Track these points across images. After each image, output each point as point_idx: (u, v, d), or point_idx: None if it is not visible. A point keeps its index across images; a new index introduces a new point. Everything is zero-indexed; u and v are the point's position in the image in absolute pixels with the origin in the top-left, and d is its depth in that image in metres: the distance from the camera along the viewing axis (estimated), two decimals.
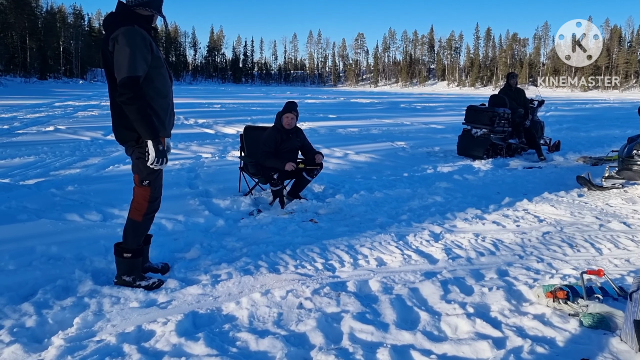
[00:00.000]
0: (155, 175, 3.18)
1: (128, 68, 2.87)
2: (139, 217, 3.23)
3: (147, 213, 3.24)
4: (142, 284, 3.22)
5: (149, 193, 3.20)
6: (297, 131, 5.75)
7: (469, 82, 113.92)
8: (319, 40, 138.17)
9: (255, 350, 2.46)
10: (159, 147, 3.01)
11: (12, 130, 11.75)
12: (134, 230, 3.24)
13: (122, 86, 2.89)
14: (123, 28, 2.91)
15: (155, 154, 3.00)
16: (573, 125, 16.54)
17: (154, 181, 3.19)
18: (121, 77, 2.89)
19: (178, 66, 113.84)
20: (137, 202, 3.23)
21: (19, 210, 4.85)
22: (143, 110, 2.93)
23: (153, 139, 2.99)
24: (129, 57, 2.88)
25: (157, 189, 3.25)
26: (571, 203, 5.78)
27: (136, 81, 2.90)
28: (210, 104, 25.50)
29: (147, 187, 3.18)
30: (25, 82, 55.44)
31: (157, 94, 3.10)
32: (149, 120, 2.97)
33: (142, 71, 2.94)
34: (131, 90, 2.88)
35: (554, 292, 2.95)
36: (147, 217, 3.26)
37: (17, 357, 2.36)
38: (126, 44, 2.88)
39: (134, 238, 3.25)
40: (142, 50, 2.93)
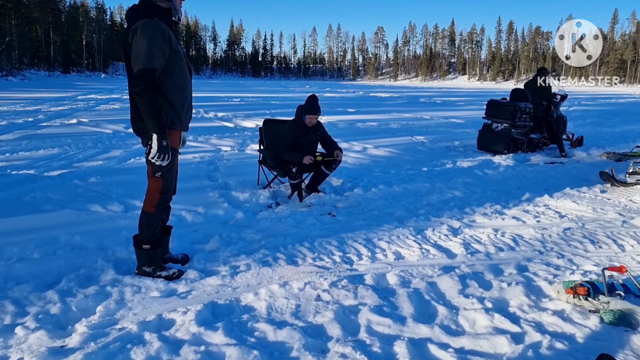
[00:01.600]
0: (167, 167, 3.17)
1: (144, 60, 2.89)
2: (152, 208, 3.25)
3: (158, 204, 3.25)
4: (162, 274, 3.27)
5: (161, 184, 3.21)
6: (317, 125, 5.75)
7: (490, 76, 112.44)
8: (339, 34, 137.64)
9: (274, 340, 2.48)
10: (163, 142, 3.00)
11: (37, 122, 11.98)
12: (148, 221, 3.27)
13: (137, 77, 2.91)
14: (143, 20, 2.93)
15: (157, 149, 2.99)
16: (597, 120, 16.24)
17: (167, 173, 3.20)
18: (137, 69, 2.90)
19: (198, 60, 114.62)
20: (150, 193, 3.25)
21: (43, 201, 4.96)
22: (154, 103, 2.94)
23: (158, 133, 2.98)
24: (146, 49, 2.89)
25: (170, 181, 3.25)
26: (593, 199, 5.69)
27: (152, 73, 2.91)
28: (229, 98, 25.63)
29: (160, 178, 3.19)
30: (49, 75, 56.41)
31: (175, 86, 3.11)
32: (158, 114, 2.97)
33: (158, 64, 2.94)
34: (145, 82, 2.89)
35: (575, 288, 2.92)
36: (159, 209, 3.27)
37: (42, 342, 2.43)
38: (144, 36, 2.90)
39: (148, 229, 3.28)
40: (159, 42, 2.93)
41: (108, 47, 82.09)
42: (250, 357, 2.26)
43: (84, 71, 72.46)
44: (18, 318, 2.70)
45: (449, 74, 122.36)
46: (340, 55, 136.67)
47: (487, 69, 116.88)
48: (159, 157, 3.01)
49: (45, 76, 54.11)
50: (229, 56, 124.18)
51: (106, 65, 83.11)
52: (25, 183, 5.71)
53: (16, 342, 2.45)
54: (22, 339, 2.47)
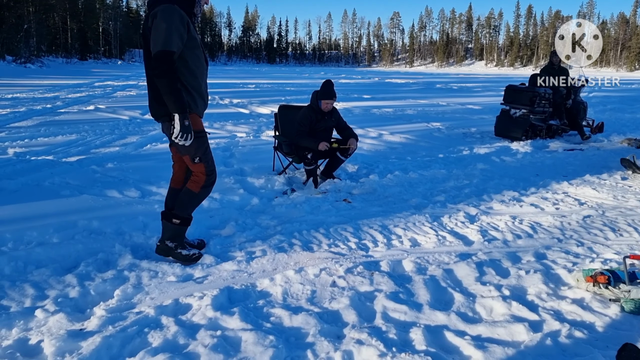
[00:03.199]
0: (202, 150, 3.24)
1: (163, 42, 2.91)
2: (197, 188, 3.32)
3: (205, 185, 3.33)
4: (182, 252, 3.31)
5: (204, 167, 3.28)
6: (332, 111, 5.71)
7: (508, 62, 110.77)
8: (354, 20, 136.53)
9: (289, 326, 2.49)
10: (185, 122, 3.03)
11: (55, 109, 12.11)
12: (190, 199, 3.34)
13: (156, 59, 2.93)
14: (163, 5, 2.98)
15: (179, 128, 3.01)
16: (618, 107, 15.92)
17: (204, 155, 3.27)
18: (156, 50, 2.93)
19: (213, 46, 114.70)
20: (196, 175, 3.32)
21: (62, 186, 5.02)
22: (174, 84, 2.97)
23: (180, 113, 3.01)
24: (165, 32, 2.92)
25: (210, 162, 3.33)
26: (614, 186, 5.58)
27: (170, 55, 2.93)
28: (244, 84, 25.63)
29: (200, 163, 3.26)
30: (67, 62, 56.81)
31: (190, 73, 3.14)
32: (179, 95, 3.00)
33: (176, 47, 2.96)
34: (164, 63, 2.91)
35: (595, 277, 2.87)
36: (204, 189, 3.35)
37: (62, 325, 2.46)
38: (163, 19, 2.93)
39: (187, 207, 3.35)
40: (178, 27, 2.96)
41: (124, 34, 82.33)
42: (266, 342, 2.27)
43: (101, 58, 72.81)
44: (38, 301, 2.74)
45: (465, 59, 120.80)
46: (356, 41, 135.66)
47: (505, 55, 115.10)
48: (182, 137, 3.04)
49: (62, 63, 54.52)
50: (244, 43, 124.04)
51: (122, 52, 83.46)
52: (44, 169, 5.78)
53: (36, 324, 2.49)
54: (42, 321, 2.51)
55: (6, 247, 3.40)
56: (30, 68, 38.65)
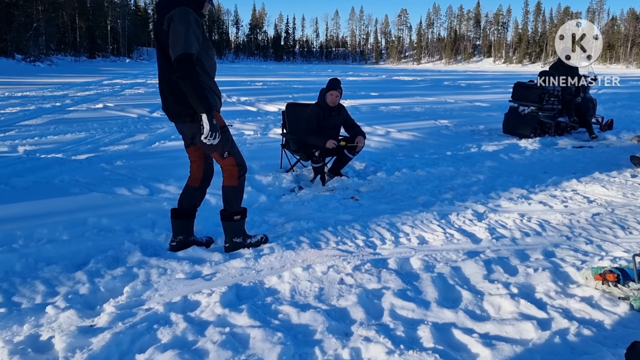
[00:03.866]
0: (230, 144, 3.34)
1: (184, 45, 2.96)
2: (235, 181, 3.43)
3: (240, 176, 3.43)
4: (252, 241, 3.55)
5: (234, 160, 3.38)
6: (340, 108, 5.72)
7: (517, 59, 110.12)
8: (361, 17, 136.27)
9: (297, 323, 2.49)
10: (213, 121, 3.09)
11: (64, 107, 12.19)
12: (235, 193, 3.46)
13: (178, 62, 2.97)
14: (179, 8, 3.02)
15: (209, 128, 3.08)
16: (628, 103, 15.76)
17: (232, 149, 3.36)
18: (177, 54, 2.97)
19: (220, 44, 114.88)
20: (227, 171, 3.41)
21: (71, 184, 5.06)
22: (198, 84, 3.03)
23: (207, 113, 3.07)
24: (185, 35, 2.97)
25: (238, 153, 3.44)
26: (624, 184, 5.54)
27: (191, 57, 2.99)
28: (252, 82, 25.65)
29: (230, 157, 3.35)
30: (75, 60, 57.17)
31: (206, 74, 3.21)
32: (204, 95, 3.06)
33: (195, 49, 3.02)
34: (187, 65, 2.97)
35: (604, 275, 2.86)
36: (241, 180, 3.46)
37: (72, 322, 2.48)
38: (181, 22, 2.98)
39: (237, 201, 3.49)
40: (195, 29, 3.02)
41: (132, 32, 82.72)
42: (274, 339, 2.28)
43: (109, 56, 73.16)
44: (48, 298, 2.77)
45: (473, 56, 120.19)
46: (363, 38, 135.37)
47: (514, 51, 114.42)
48: (211, 136, 3.11)
49: (71, 61, 54.87)
50: (251, 40, 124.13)
51: (130, 50, 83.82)
52: (54, 166, 5.83)
53: (47, 320, 2.51)
54: (53, 317, 2.53)
55: (17, 244, 3.44)
56: (40, 66, 38.92)
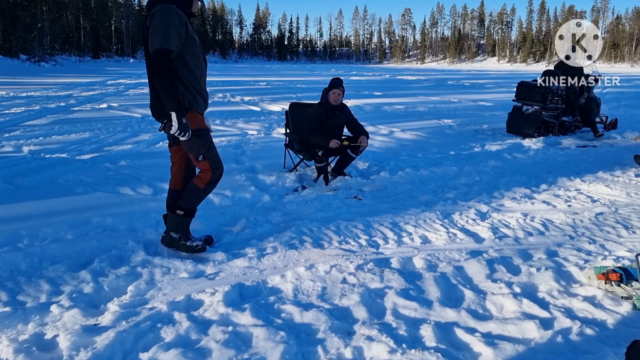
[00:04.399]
0: (206, 148, 3.28)
1: (161, 40, 2.95)
2: (202, 184, 3.37)
3: (210, 182, 3.38)
4: (186, 243, 3.40)
5: (208, 164, 3.33)
6: (343, 108, 5.72)
7: (521, 58, 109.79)
8: (365, 16, 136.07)
9: (300, 322, 2.50)
10: (183, 120, 3.06)
11: (68, 107, 12.24)
12: (192, 193, 3.40)
13: (154, 57, 2.96)
14: (163, 5, 3.00)
15: (177, 126, 3.05)
16: (632, 103, 15.69)
17: (207, 152, 3.30)
18: (154, 49, 2.96)
19: (224, 44, 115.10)
20: (202, 172, 3.37)
21: (75, 184, 5.09)
22: (170, 81, 2.99)
23: (177, 111, 3.04)
24: (163, 30, 2.95)
25: (215, 158, 3.37)
26: (627, 183, 5.53)
27: (168, 54, 2.96)
28: (255, 82, 25.67)
29: (204, 160, 3.30)
30: (80, 61, 57.31)
31: (190, 72, 3.16)
32: (175, 92, 3.03)
33: (174, 46, 2.99)
34: (162, 61, 2.95)
35: (606, 274, 2.85)
36: (209, 185, 3.40)
37: (76, 320, 2.50)
38: (162, 18, 2.96)
39: (189, 200, 3.41)
40: (177, 26, 2.99)
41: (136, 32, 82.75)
42: (277, 337, 2.29)
43: (114, 56, 73.34)
44: (53, 297, 2.79)
45: (477, 55, 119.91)
46: (367, 38, 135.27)
47: (518, 51, 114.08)
48: (180, 134, 3.08)
49: (76, 61, 55.02)
50: (255, 40, 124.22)
51: (135, 50, 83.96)
52: (58, 166, 5.86)
53: (51, 319, 2.53)
54: (57, 316, 2.55)
55: (22, 244, 3.46)
56: (44, 67, 39.04)
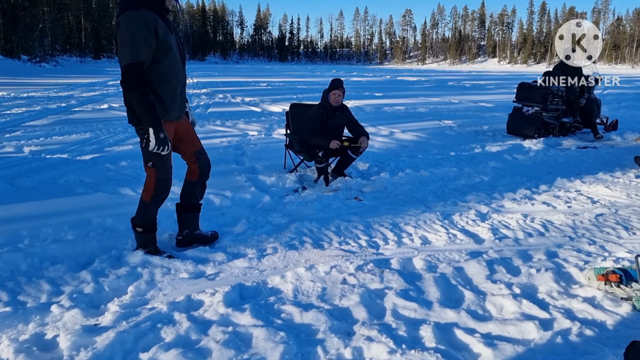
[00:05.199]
0: (159, 157, 3.16)
1: (130, 54, 2.86)
2: (147, 198, 3.28)
3: (154, 195, 3.26)
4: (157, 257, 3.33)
5: (154, 174, 3.22)
6: (343, 109, 5.73)
7: (522, 59, 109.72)
8: (366, 17, 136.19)
9: (300, 322, 2.51)
10: (160, 135, 2.99)
11: (69, 108, 12.26)
12: (142, 209, 3.32)
13: (125, 73, 2.88)
14: (126, 13, 2.88)
15: (155, 142, 2.99)
16: (633, 104, 15.69)
17: (158, 162, 3.18)
18: (124, 64, 2.88)
19: (225, 45, 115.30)
20: (146, 183, 3.28)
21: (76, 184, 5.10)
22: (145, 97, 2.92)
23: (154, 127, 2.98)
24: (130, 43, 2.86)
25: (163, 171, 3.23)
26: (628, 184, 5.53)
27: (139, 67, 2.89)
28: (256, 83, 25.69)
29: (152, 168, 3.19)
30: (81, 61, 57.38)
31: (162, 77, 3.07)
32: (151, 108, 2.95)
33: (145, 56, 2.90)
34: (134, 76, 2.88)
35: (606, 275, 2.86)
36: (154, 199, 3.28)
37: (77, 320, 2.51)
38: (127, 29, 2.86)
39: (141, 216, 3.32)
40: (144, 34, 2.87)
41: None
42: (277, 338, 2.29)
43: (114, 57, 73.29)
44: (53, 297, 2.79)
45: (478, 56, 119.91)
46: (367, 39, 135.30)
47: (518, 52, 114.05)
48: (159, 149, 3.03)
49: (77, 62, 55.09)
50: (256, 41, 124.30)
51: None
52: (59, 167, 5.87)
53: (52, 319, 2.54)
54: (58, 316, 2.56)
55: (22, 244, 3.47)
56: (45, 67, 39.11)
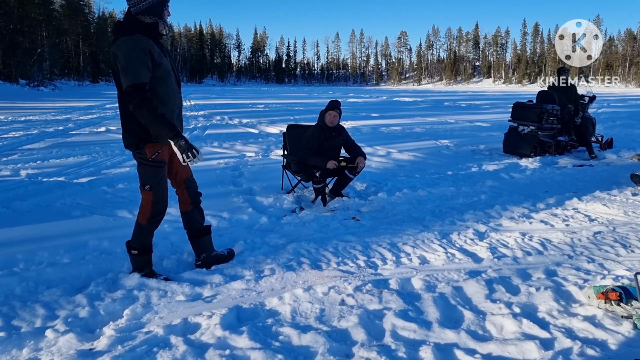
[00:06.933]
0: (156, 180, 3.20)
1: (132, 77, 2.93)
2: (144, 220, 3.29)
3: (151, 217, 3.28)
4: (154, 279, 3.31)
5: (151, 197, 3.24)
6: (340, 129, 5.75)
7: (516, 79, 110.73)
8: (362, 39, 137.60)
9: (298, 344, 2.48)
10: (181, 142, 3.04)
11: (67, 131, 12.29)
12: (138, 231, 3.33)
13: (128, 94, 2.95)
14: (121, 39, 2.97)
15: (180, 151, 3.04)
16: (627, 122, 15.82)
17: (155, 186, 3.22)
18: (125, 86, 2.95)
19: (222, 67, 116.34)
20: (142, 205, 3.29)
21: (73, 207, 5.08)
22: (154, 111, 2.98)
23: (172, 138, 3.03)
24: (130, 67, 2.94)
25: (160, 193, 3.26)
26: (625, 202, 5.54)
27: (142, 87, 2.96)
28: (254, 104, 25.86)
29: (149, 191, 3.22)
30: (79, 85, 57.63)
31: (158, 101, 3.10)
32: (164, 120, 3.00)
33: (145, 77, 2.98)
34: (138, 95, 2.94)
35: (606, 293, 2.84)
36: (151, 221, 3.30)
37: (72, 345, 2.47)
38: (124, 53, 2.95)
39: (137, 238, 3.33)
40: (141, 57, 2.96)
41: None
42: None
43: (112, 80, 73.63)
44: (48, 321, 2.76)
45: (473, 77, 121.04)
46: (364, 60, 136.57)
47: (513, 72, 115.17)
48: (187, 158, 3.06)
49: (75, 86, 55.34)
50: (253, 63, 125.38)
51: None
52: (56, 190, 5.85)
53: (46, 344, 2.50)
54: (52, 341, 2.52)
55: (18, 268, 3.44)
56: (43, 91, 39.25)
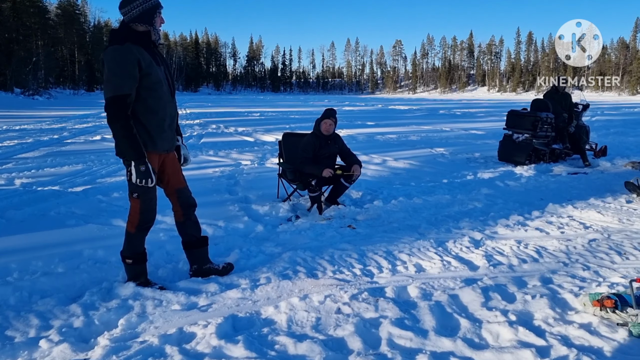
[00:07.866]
0: (144, 188, 3.17)
1: (114, 88, 2.93)
2: (132, 228, 3.28)
3: (139, 225, 3.27)
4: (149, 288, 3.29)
5: (139, 205, 3.23)
6: (336, 137, 5.77)
7: (510, 87, 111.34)
8: (357, 48, 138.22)
9: (294, 354, 2.47)
10: (141, 167, 3.02)
11: (62, 139, 12.25)
12: (128, 240, 3.31)
13: (107, 105, 2.94)
14: (110, 48, 2.98)
15: (136, 175, 3.03)
16: (621, 130, 15.93)
17: (143, 194, 3.20)
18: (107, 97, 2.95)
19: (218, 76, 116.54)
20: (131, 214, 3.28)
21: (67, 216, 5.05)
22: (127, 129, 2.96)
23: (135, 160, 3.01)
24: (113, 77, 2.93)
25: (148, 202, 3.25)
26: (619, 209, 5.56)
27: (123, 99, 2.94)
28: (249, 113, 25.89)
29: (137, 199, 3.21)
30: (74, 94, 57.59)
31: (148, 109, 3.10)
32: (133, 140, 2.98)
33: (128, 89, 2.96)
34: (116, 108, 2.93)
35: (601, 301, 2.85)
36: (139, 229, 3.29)
37: (66, 356, 2.45)
38: (111, 63, 2.95)
39: (128, 247, 3.31)
40: (127, 68, 2.94)
41: None
42: None
43: None
44: (42, 331, 2.74)
45: (468, 85, 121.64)
46: (359, 69, 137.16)
47: (507, 80, 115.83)
48: (141, 182, 3.05)
49: (70, 94, 55.31)
50: (249, 72, 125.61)
51: None
52: (50, 199, 5.83)
53: (40, 355, 2.48)
54: (46, 352, 2.50)
55: (11, 277, 3.42)
56: (38, 100, 39.21)
